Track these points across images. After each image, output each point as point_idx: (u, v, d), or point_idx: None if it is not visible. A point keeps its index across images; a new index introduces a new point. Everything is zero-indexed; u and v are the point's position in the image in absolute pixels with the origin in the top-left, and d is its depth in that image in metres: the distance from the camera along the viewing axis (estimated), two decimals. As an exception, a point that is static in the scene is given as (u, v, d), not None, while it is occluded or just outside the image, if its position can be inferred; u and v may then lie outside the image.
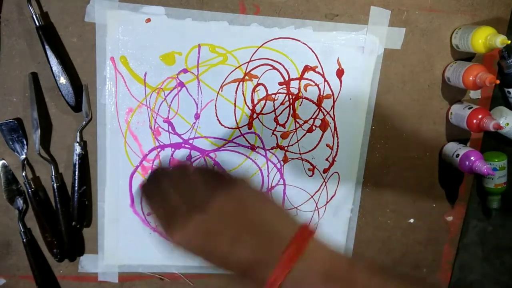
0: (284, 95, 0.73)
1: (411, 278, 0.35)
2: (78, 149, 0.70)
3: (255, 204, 0.36)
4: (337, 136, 0.77)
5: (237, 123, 0.74)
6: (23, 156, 0.69)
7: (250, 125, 0.74)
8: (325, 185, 0.79)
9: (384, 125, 0.78)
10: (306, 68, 0.73)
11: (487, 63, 0.76)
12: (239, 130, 0.74)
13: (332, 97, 0.75)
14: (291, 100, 0.74)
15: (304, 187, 0.78)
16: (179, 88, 0.71)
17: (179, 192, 0.36)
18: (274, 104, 0.74)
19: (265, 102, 0.73)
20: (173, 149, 0.73)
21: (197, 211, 0.34)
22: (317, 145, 0.76)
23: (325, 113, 0.75)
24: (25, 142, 0.69)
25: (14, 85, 0.67)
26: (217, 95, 0.72)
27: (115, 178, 0.73)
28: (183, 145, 0.73)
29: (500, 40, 0.65)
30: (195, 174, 0.38)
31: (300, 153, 0.76)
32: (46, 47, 0.64)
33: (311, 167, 0.78)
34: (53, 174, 0.70)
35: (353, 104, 0.75)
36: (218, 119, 0.73)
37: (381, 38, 0.73)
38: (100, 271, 0.77)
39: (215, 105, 0.72)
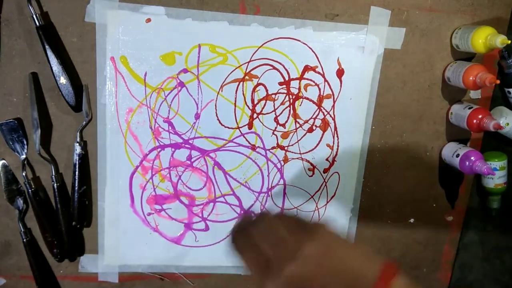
0: (284, 95, 0.73)
1: None
2: (78, 149, 0.70)
3: (338, 249, 0.38)
4: (337, 136, 0.77)
5: (237, 123, 0.74)
6: (23, 156, 0.69)
7: (250, 125, 0.74)
8: (325, 185, 0.79)
9: (384, 125, 0.78)
10: (306, 68, 0.73)
11: (487, 63, 0.76)
12: (239, 130, 0.74)
13: (332, 97, 0.75)
14: (291, 100, 0.74)
15: (304, 187, 0.78)
16: (179, 88, 0.71)
17: (268, 242, 0.38)
18: (274, 104, 0.74)
19: (265, 102, 0.73)
20: (173, 149, 0.73)
21: (288, 261, 0.36)
22: (317, 145, 0.76)
23: (325, 113, 0.75)
24: (25, 142, 0.69)
25: (14, 85, 0.67)
26: (217, 95, 0.72)
27: (115, 178, 0.73)
28: (183, 145, 0.73)
29: (500, 40, 0.65)
30: (278, 223, 0.40)
31: (300, 153, 0.76)
32: (46, 47, 0.64)
33: (311, 167, 0.78)
34: (53, 174, 0.70)
35: (353, 104, 0.75)
36: (218, 119, 0.73)
37: (381, 38, 0.73)
38: (100, 271, 0.78)
39: (215, 105, 0.72)
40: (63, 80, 0.66)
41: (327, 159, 0.78)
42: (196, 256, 0.79)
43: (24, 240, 0.72)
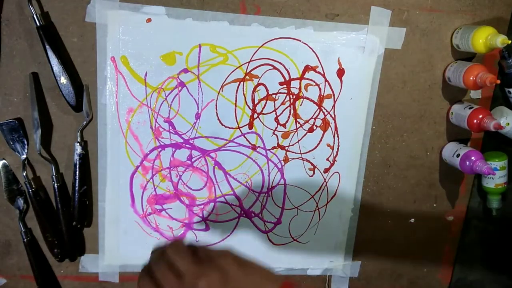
0: (285, 95, 0.73)
1: None
2: (78, 149, 0.70)
3: (237, 276, 0.40)
4: (337, 136, 0.77)
5: (237, 123, 0.74)
6: (24, 156, 0.69)
7: (250, 125, 0.74)
8: (326, 185, 0.79)
9: (385, 125, 0.78)
10: (307, 68, 0.73)
11: (487, 63, 0.76)
12: (240, 130, 0.74)
13: (332, 97, 0.75)
14: (291, 100, 0.74)
15: (305, 187, 0.78)
16: (180, 88, 0.71)
17: (168, 280, 0.39)
18: (274, 104, 0.74)
19: (266, 102, 0.73)
20: (173, 149, 0.73)
21: None
22: (317, 145, 0.77)
23: (326, 113, 0.75)
24: (25, 142, 0.69)
25: (14, 85, 0.67)
26: (217, 95, 0.72)
27: (115, 178, 0.73)
28: (183, 145, 0.73)
29: (501, 40, 0.65)
30: (177, 257, 0.40)
31: (300, 153, 0.77)
32: (47, 47, 0.64)
33: (312, 167, 0.78)
34: (54, 174, 0.70)
35: (353, 104, 0.75)
36: (218, 119, 0.73)
37: (382, 38, 0.73)
38: (101, 271, 0.78)
39: (216, 105, 0.72)
40: (63, 80, 0.66)
41: (327, 159, 0.78)
42: (196, 256, 0.79)
43: (25, 240, 0.72)
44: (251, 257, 0.41)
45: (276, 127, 0.75)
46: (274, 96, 0.73)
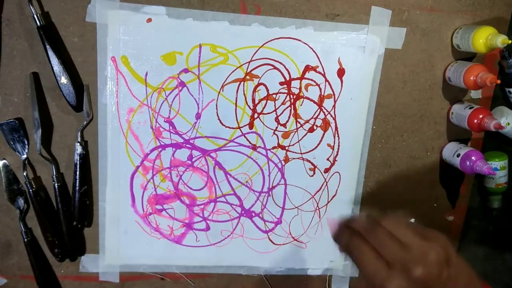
0: (285, 95, 0.73)
1: None
2: (79, 149, 0.70)
3: (455, 262, 0.40)
4: (338, 136, 0.77)
5: (238, 123, 0.74)
6: (24, 156, 0.69)
7: (251, 125, 0.74)
8: (326, 185, 0.79)
9: (385, 125, 0.78)
10: (307, 68, 0.73)
11: (487, 63, 0.76)
12: (240, 130, 0.74)
13: (333, 97, 0.75)
14: (292, 100, 0.74)
15: (305, 187, 0.78)
16: (180, 88, 0.71)
17: (391, 246, 0.40)
18: (275, 104, 0.74)
19: (266, 102, 0.73)
20: (174, 149, 0.73)
21: (416, 264, 0.38)
22: (318, 145, 0.77)
23: (326, 113, 0.75)
24: (26, 142, 0.69)
25: (15, 85, 0.67)
26: (218, 95, 0.72)
27: (116, 178, 0.73)
28: (184, 145, 0.73)
29: (501, 40, 0.65)
30: (402, 228, 0.41)
31: (301, 153, 0.77)
32: (47, 47, 0.64)
33: (312, 167, 0.78)
34: (54, 174, 0.70)
35: (354, 104, 0.75)
36: (219, 119, 0.73)
37: (382, 38, 0.73)
38: (101, 271, 0.78)
39: (216, 105, 0.72)
40: (64, 80, 0.66)
41: (328, 159, 0.78)
42: (197, 255, 0.79)
43: (25, 240, 0.72)
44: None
45: (277, 127, 0.75)
46: (274, 96, 0.73)
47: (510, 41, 0.65)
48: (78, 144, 0.70)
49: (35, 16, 0.63)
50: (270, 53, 0.71)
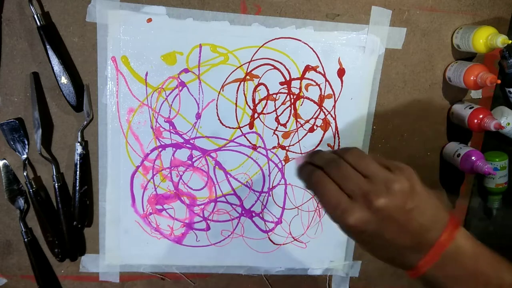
0: (285, 95, 0.73)
1: None
2: (79, 148, 0.70)
3: (420, 192, 0.39)
4: (338, 136, 0.77)
5: (238, 123, 0.74)
6: (25, 156, 0.69)
7: (251, 125, 0.74)
8: (326, 184, 0.79)
9: (385, 125, 0.78)
10: (307, 68, 0.73)
11: (488, 63, 0.76)
12: (240, 130, 0.74)
13: (333, 97, 0.75)
14: (292, 100, 0.74)
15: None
16: (180, 88, 0.71)
17: (355, 177, 0.39)
18: (275, 104, 0.74)
19: (266, 102, 0.73)
20: (174, 149, 0.73)
21: (380, 194, 0.37)
22: (318, 145, 0.77)
23: (326, 113, 0.75)
24: (26, 142, 0.69)
25: (15, 85, 0.67)
26: (218, 95, 0.72)
27: (116, 177, 0.73)
28: (184, 145, 0.73)
29: (501, 40, 0.65)
30: (366, 158, 0.40)
31: (301, 153, 0.77)
32: (47, 47, 0.64)
33: (312, 167, 0.77)
34: (54, 173, 0.70)
35: (354, 104, 0.75)
36: (219, 119, 0.73)
37: (382, 38, 0.73)
38: (101, 270, 0.78)
39: (216, 105, 0.72)
40: (64, 80, 0.66)
41: (328, 159, 0.77)
42: (197, 255, 0.79)
43: (25, 239, 0.72)
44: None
45: (277, 127, 0.75)
46: (274, 96, 0.73)
47: (510, 41, 0.65)
48: (78, 144, 0.70)
49: (35, 16, 0.63)
50: (270, 53, 0.71)
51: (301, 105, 0.74)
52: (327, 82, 0.74)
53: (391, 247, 0.39)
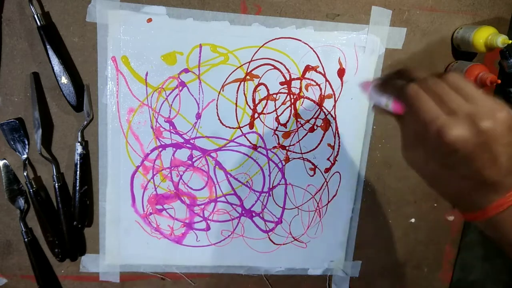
0: (286, 94, 0.73)
1: None
2: (79, 148, 0.70)
3: None
4: (338, 136, 0.77)
5: (238, 122, 0.74)
6: (25, 156, 0.69)
7: (251, 124, 0.74)
8: (327, 184, 0.79)
9: (386, 125, 0.78)
10: (307, 68, 0.73)
11: (488, 63, 0.76)
12: (241, 130, 0.74)
13: (333, 97, 0.75)
14: (292, 100, 0.74)
15: (306, 187, 0.78)
16: (181, 88, 0.71)
17: (459, 96, 0.37)
18: (275, 103, 0.74)
19: (267, 102, 0.73)
20: (174, 149, 0.73)
21: (485, 117, 0.36)
22: (318, 144, 0.77)
23: (327, 112, 0.75)
24: (26, 142, 0.69)
25: (15, 85, 0.67)
26: (218, 95, 0.72)
27: (116, 177, 0.73)
28: (184, 144, 0.73)
29: (501, 40, 0.65)
30: (464, 83, 0.39)
31: (301, 153, 0.77)
32: (48, 47, 0.64)
33: (313, 167, 0.78)
34: (55, 173, 0.70)
35: (354, 104, 0.75)
36: (219, 119, 0.73)
37: (382, 38, 0.73)
38: (102, 270, 0.78)
39: (217, 105, 0.72)
40: (64, 80, 0.66)
41: (328, 159, 0.78)
42: (197, 255, 0.79)
43: (25, 239, 0.72)
44: None
45: (277, 127, 0.75)
46: (274, 96, 0.73)
47: (510, 41, 0.65)
48: (79, 144, 0.70)
49: (35, 16, 0.63)
50: (271, 53, 0.71)
51: (301, 105, 0.74)
52: (327, 82, 0.74)
53: (472, 180, 0.38)
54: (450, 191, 0.40)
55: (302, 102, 0.74)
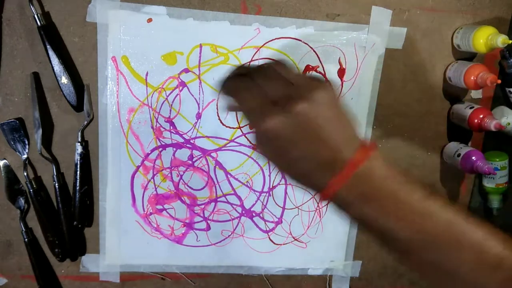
0: (286, 94, 0.73)
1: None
2: (79, 148, 0.70)
3: (338, 105, 0.38)
4: (338, 136, 0.76)
5: (238, 122, 0.74)
6: (25, 156, 0.69)
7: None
8: (327, 184, 0.79)
9: (386, 125, 0.78)
10: (308, 68, 0.73)
11: (488, 62, 0.76)
12: (241, 130, 0.74)
13: (333, 97, 0.74)
14: (292, 100, 0.74)
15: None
16: (181, 88, 0.71)
17: (276, 83, 0.37)
18: (275, 103, 0.74)
19: (267, 102, 0.73)
20: (174, 149, 0.73)
21: (300, 99, 0.36)
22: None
23: (327, 112, 0.75)
24: (26, 142, 0.69)
25: (15, 85, 0.67)
26: (218, 95, 0.72)
27: (116, 177, 0.73)
28: (184, 144, 0.73)
29: (501, 40, 0.65)
30: (286, 68, 0.39)
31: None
32: (48, 47, 0.64)
33: (313, 167, 0.77)
34: (55, 173, 0.70)
35: (354, 104, 0.75)
36: (219, 119, 0.73)
37: (383, 38, 0.73)
38: (102, 270, 0.78)
39: (217, 105, 0.72)
40: (64, 80, 0.66)
41: (328, 159, 0.77)
42: (197, 255, 0.79)
43: (26, 239, 0.72)
44: None
45: (277, 127, 0.75)
46: (275, 96, 0.73)
47: (510, 41, 0.65)
48: (79, 144, 0.70)
49: (35, 16, 0.63)
50: (271, 53, 0.71)
51: (301, 105, 0.74)
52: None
53: (305, 161, 0.37)
54: (293, 172, 0.39)
55: (302, 102, 0.74)
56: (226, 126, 0.74)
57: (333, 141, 0.36)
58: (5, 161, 0.70)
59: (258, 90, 0.37)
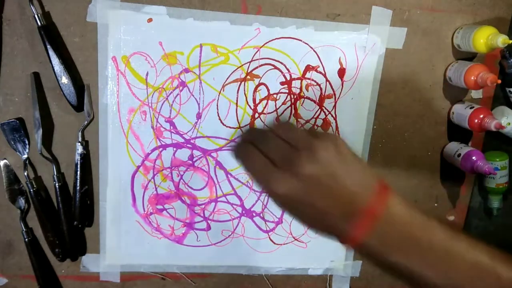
0: (286, 94, 0.73)
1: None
2: (80, 148, 0.70)
3: (348, 158, 0.38)
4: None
5: (238, 122, 0.74)
6: (25, 156, 0.69)
7: (251, 124, 0.74)
8: (327, 184, 0.79)
9: (386, 125, 0.78)
10: (308, 68, 0.73)
11: (488, 62, 0.76)
12: (241, 130, 0.74)
13: (333, 97, 0.75)
14: (292, 100, 0.74)
15: (306, 187, 0.78)
16: (181, 87, 0.71)
17: (281, 145, 0.38)
18: (275, 103, 0.74)
19: (267, 102, 0.73)
20: (174, 149, 0.73)
21: (307, 161, 0.36)
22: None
23: (327, 112, 0.75)
24: (27, 142, 0.69)
25: (16, 85, 0.67)
26: (218, 95, 0.72)
27: (117, 177, 0.73)
28: (184, 144, 0.73)
29: (502, 40, 0.65)
30: (289, 129, 0.39)
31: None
32: (48, 46, 0.64)
33: (313, 167, 0.77)
34: (55, 173, 0.70)
35: (354, 104, 0.75)
36: (219, 119, 0.73)
37: (383, 37, 0.73)
38: (102, 270, 0.78)
39: (217, 105, 0.72)
40: (64, 79, 0.66)
41: (328, 159, 0.77)
42: (197, 255, 0.79)
43: (26, 239, 0.72)
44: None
45: (277, 127, 0.75)
46: (275, 96, 0.73)
47: (510, 41, 0.65)
48: (79, 144, 0.70)
49: (36, 16, 0.63)
50: (271, 53, 0.71)
51: (301, 105, 0.74)
52: (327, 82, 0.74)
53: (324, 217, 0.37)
54: (315, 227, 0.40)
55: (303, 102, 0.74)
56: (227, 126, 0.74)
57: (347, 192, 0.37)
58: (5, 161, 0.70)
59: (259, 156, 0.38)
